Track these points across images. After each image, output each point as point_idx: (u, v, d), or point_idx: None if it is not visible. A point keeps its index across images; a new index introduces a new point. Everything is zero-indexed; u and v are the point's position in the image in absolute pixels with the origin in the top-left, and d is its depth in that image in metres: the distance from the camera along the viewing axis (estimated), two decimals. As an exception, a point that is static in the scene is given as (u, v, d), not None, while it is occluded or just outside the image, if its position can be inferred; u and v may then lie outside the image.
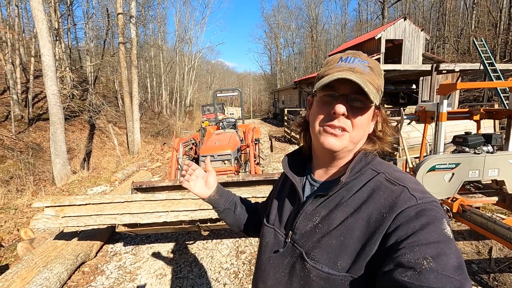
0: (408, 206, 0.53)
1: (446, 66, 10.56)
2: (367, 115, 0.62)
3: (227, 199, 0.97)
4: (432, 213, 0.51)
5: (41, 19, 6.45)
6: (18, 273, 2.50)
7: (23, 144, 9.54)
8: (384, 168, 0.63)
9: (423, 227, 0.49)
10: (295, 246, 0.66)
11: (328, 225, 0.61)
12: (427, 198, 0.54)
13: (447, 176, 3.00)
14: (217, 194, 0.94)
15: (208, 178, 0.94)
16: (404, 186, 0.57)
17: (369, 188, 0.60)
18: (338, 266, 0.56)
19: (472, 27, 23.80)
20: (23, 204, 5.24)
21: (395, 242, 0.50)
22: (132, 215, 2.56)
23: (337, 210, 0.61)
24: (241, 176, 3.10)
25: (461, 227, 3.43)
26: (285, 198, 0.76)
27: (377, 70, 0.62)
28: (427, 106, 3.39)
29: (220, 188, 0.97)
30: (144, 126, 16.95)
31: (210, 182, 0.94)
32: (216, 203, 0.94)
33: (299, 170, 0.76)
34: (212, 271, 2.89)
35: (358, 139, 0.63)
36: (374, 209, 0.56)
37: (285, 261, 0.67)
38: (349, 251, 0.56)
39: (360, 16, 36.82)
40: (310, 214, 0.65)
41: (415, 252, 0.46)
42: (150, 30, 25.91)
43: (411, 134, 6.93)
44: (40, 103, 12.26)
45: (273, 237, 0.74)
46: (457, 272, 0.43)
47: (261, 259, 0.75)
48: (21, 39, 13.13)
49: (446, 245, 0.46)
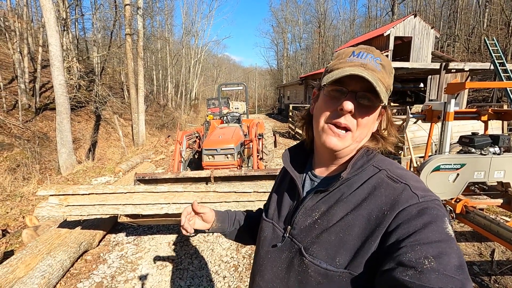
0: (410, 204, 0.52)
1: (456, 65, 10.36)
2: (374, 114, 0.61)
3: (229, 221, 0.95)
4: (434, 211, 0.50)
5: (49, 9, 6.47)
6: (22, 259, 2.55)
7: (30, 133, 9.67)
8: (386, 165, 0.62)
9: (425, 225, 0.48)
10: (294, 241, 0.65)
11: (327, 221, 0.60)
12: (429, 197, 0.53)
13: (451, 177, 2.96)
14: (218, 222, 0.92)
15: (205, 217, 0.88)
16: (406, 184, 0.56)
17: (370, 185, 0.59)
18: (336, 262, 0.56)
19: (484, 26, 23.27)
20: (29, 192, 5.33)
21: (396, 240, 0.49)
22: (134, 206, 2.59)
23: (337, 206, 0.60)
24: (244, 170, 3.11)
25: (463, 228, 3.40)
26: (285, 193, 0.75)
27: (388, 69, 0.60)
28: (434, 105, 3.33)
29: (220, 215, 0.94)
30: (149, 118, 17.04)
31: (206, 217, 0.88)
32: (220, 229, 0.93)
33: (300, 165, 0.75)
34: (212, 264, 2.92)
35: (361, 138, 0.62)
36: (375, 206, 0.55)
37: (283, 255, 0.67)
38: (348, 247, 0.55)
39: (369, 12, 36.21)
40: (309, 209, 0.64)
41: (416, 251, 0.45)
42: (157, 22, 25.87)
43: (417, 133, 6.84)
44: (47, 93, 12.37)
45: (271, 231, 0.74)
46: (459, 272, 0.42)
47: (259, 253, 0.75)
48: (30, 28, 13.21)
49: (447, 245, 0.46)
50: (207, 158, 4.06)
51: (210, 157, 4.06)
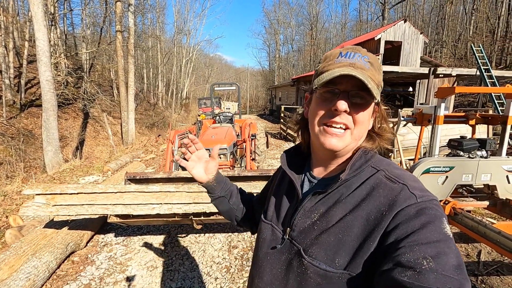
0: (408, 204, 0.52)
1: (444, 70, 10.64)
2: (368, 111, 0.62)
3: (224, 187, 0.94)
4: (432, 211, 0.51)
5: (36, 2, 6.28)
6: (5, 261, 2.46)
7: (14, 129, 9.36)
8: (384, 165, 0.62)
9: (423, 226, 0.48)
10: (293, 243, 0.65)
11: (326, 222, 0.60)
12: (427, 197, 0.53)
13: (440, 179, 3.02)
14: (215, 181, 0.91)
15: (209, 164, 0.90)
16: (404, 184, 0.56)
17: (368, 186, 0.59)
18: (335, 263, 0.56)
19: (470, 33, 23.98)
20: (12, 190, 5.14)
21: (394, 240, 0.49)
22: (125, 206, 2.53)
23: (336, 207, 0.60)
24: (237, 171, 3.09)
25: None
26: (283, 195, 0.75)
27: (377, 65, 0.61)
28: (425, 108, 3.40)
29: (219, 176, 0.94)
30: (139, 117, 16.77)
31: (210, 168, 0.90)
32: (212, 189, 0.92)
33: (298, 167, 0.75)
34: (204, 265, 2.88)
35: (360, 135, 0.63)
36: (373, 207, 0.55)
37: (282, 257, 0.67)
38: (347, 248, 0.55)
39: (360, 16, 36.82)
40: (308, 211, 0.64)
41: (415, 251, 0.45)
42: (148, 20, 25.50)
43: (407, 136, 6.98)
44: (33, 89, 12.01)
45: (270, 233, 0.74)
46: (457, 271, 0.43)
47: (258, 255, 0.75)
48: (16, 22, 12.80)
49: (446, 245, 0.46)
50: None
51: (203, 157, 4.01)
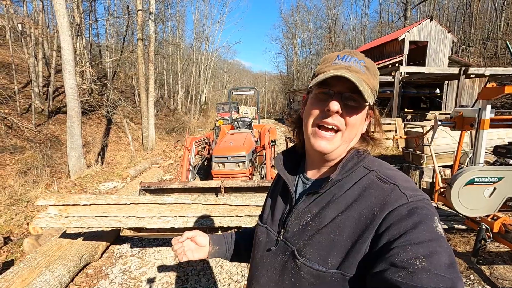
0: (400, 204, 0.52)
1: (476, 70, 9.93)
2: (361, 115, 0.62)
3: (227, 243, 0.93)
4: (424, 211, 0.51)
5: (62, 14, 6.49)
6: (19, 273, 2.38)
7: (42, 136, 9.73)
8: (376, 166, 0.62)
9: (415, 225, 0.48)
10: (287, 244, 0.65)
11: (319, 222, 0.60)
12: (418, 196, 0.53)
13: (487, 191, 2.68)
14: (214, 245, 0.90)
15: (197, 240, 0.87)
16: (395, 184, 0.56)
17: (360, 186, 0.59)
18: (328, 263, 0.56)
19: (501, 30, 22.51)
20: (36, 196, 5.24)
21: (387, 241, 0.49)
22: (138, 218, 2.39)
23: (328, 208, 0.60)
24: (256, 181, 2.88)
25: (499, 249, 3.07)
26: (278, 197, 0.75)
27: (372, 70, 0.62)
28: (466, 111, 3.04)
29: (215, 239, 0.92)
30: (159, 122, 17.07)
31: (201, 242, 0.88)
32: (219, 254, 0.91)
33: (292, 169, 0.75)
34: (221, 283, 2.68)
35: (350, 138, 0.63)
36: (365, 207, 0.55)
37: (277, 259, 0.67)
38: (340, 248, 0.55)
39: (380, 17, 35.75)
40: (302, 212, 0.64)
41: (407, 251, 0.45)
42: (168, 28, 26.14)
43: (437, 141, 6.49)
44: (60, 97, 12.50)
45: (265, 236, 0.73)
46: (449, 270, 0.43)
47: (255, 259, 0.75)
48: (45, 33, 13.47)
49: (437, 244, 0.46)
50: (217, 166, 3.86)
51: (220, 165, 3.85)
